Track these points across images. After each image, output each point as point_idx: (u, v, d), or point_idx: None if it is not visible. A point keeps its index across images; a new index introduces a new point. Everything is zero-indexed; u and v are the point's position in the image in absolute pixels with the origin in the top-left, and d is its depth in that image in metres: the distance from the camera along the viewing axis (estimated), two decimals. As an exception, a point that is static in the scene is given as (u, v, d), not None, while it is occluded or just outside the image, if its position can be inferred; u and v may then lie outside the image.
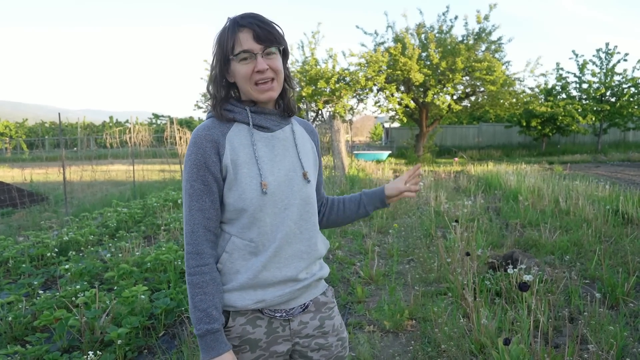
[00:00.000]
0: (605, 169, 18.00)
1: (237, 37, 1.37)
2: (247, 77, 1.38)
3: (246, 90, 1.42)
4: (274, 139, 1.46)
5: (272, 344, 1.45)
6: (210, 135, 1.38)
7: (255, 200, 1.38)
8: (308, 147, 1.57)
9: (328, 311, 1.56)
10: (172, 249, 4.95)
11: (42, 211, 9.34)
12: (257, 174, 1.39)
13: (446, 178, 13.63)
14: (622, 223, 6.63)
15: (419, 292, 4.20)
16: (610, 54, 25.64)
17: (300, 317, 1.49)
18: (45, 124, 46.99)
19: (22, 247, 5.57)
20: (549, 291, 3.99)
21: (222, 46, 1.39)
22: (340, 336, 1.59)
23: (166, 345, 3.42)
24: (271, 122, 1.47)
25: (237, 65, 1.39)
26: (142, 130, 15.13)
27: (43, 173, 15.69)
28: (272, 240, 1.41)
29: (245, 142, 1.42)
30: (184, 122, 41.63)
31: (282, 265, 1.43)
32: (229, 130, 1.42)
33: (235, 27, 1.37)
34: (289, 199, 1.43)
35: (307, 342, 1.51)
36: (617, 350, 2.90)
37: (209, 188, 1.38)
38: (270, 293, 1.42)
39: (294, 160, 1.48)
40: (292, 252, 1.44)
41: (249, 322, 1.43)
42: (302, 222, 1.47)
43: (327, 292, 1.59)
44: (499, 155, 26.39)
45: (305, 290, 1.49)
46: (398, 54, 21.19)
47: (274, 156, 1.44)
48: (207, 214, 1.38)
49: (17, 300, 3.87)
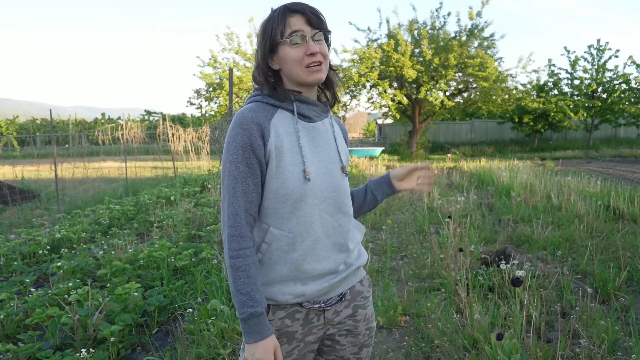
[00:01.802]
0: (597, 164, 18.12)
1: (288, 21, 1.38)
2: (298, 60, 1.39)
3: (296, 73, 1.41)
4: (314, 129, 1.47)
5: (307, 335, 1.48)
6: (256, 118, 1.38)
7: (297, 188, 1.38)
8: (344, 143, 1.58)
9: (363, 300, 1.57)
10: (165, 246, 4.93)
11: (33, 208, 9.28)
12: (301, 162, 1.40)
13: (439, 174, 13.67)
14: (613, 218, 6.68)
15: (412, 288, 4.21)
16: (601, 51, 25.78)
17: (335, 307, 1.51)
18: (37, 121, 46.59)
19: (14, 245, 5.54)
20: (541, 286, 4.01)
21: (269, 33, 1.40)
22: (369, 325, 1.59)
23: (159, 343, 3.41)
24: (313, 112, 1.48)
25: (288, 49, 1.39)
26: (134, 127, 15.05)
27: (34, 170, 15.57)
28: (310, 231, 1.41)
29: (289, 129, 1.42)
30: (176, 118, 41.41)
31: (322, 258, 1.43)
32: (273, 116, 1.42)
33: (285, 12, 1.39)
34: (328, 191, 1.44)
35: (337, 328, 1.53)
36: (609, 345, 2.93)
37: (253, 171, 1.37)
38: (311, 287, 1.42)
39: (333, 153, 1.49)
40: (330, 244, 1.45)
41: (288, 316, 1.44)
42: (340, 214, 1.48)
43: (364, 281, 1.59)
44: (492, 152, 26.49)
45: (343, 281, 1.50)
46: (391, 50, 21.20)
47: (314, 147, 1.45)
48: (250, 197, 1.38)
49: (9, 298, 3.84)
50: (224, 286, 3.96)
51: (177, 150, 16.04)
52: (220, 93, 23.15)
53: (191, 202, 8.52)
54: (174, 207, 8.09)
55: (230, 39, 22.86)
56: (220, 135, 3.55)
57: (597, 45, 25.85)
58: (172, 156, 15.11)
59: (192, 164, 16.99)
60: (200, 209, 7.75)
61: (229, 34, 22.81)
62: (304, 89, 1.46)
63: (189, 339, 3.24)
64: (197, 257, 4.88)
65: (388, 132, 33.27)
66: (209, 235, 6.03)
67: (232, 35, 22.84)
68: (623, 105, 25.71)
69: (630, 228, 6.08)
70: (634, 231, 5.89)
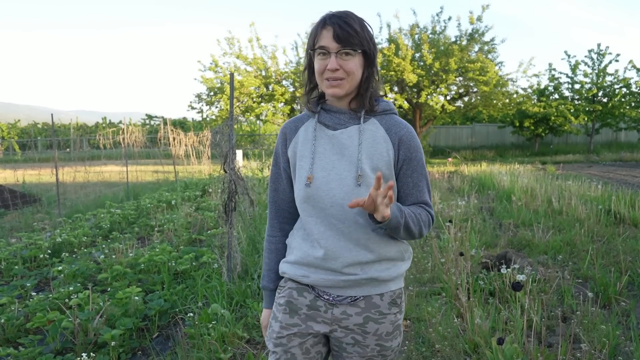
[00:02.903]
0: (598, 169, 18.11)
1: (321, 33, 1.45)
2: (320, 72, 1.47)
3: (319, 82, 1.50)
4: (334, 138, 1.52)
5: (310, 319, 1.54)
6: (286, 127, 1.61)
7: (301, 191, 1.51)
8: (380, 149, 1.50)
9: (377, 315, 1.53)
10: (165, 250, 4.94)
11: (34, 212, 9.29)
12: (308, 169, 1.51)
13: (440, 178, 13.67)
14: (614, 223, 6.68)
15: (413, 292, 4.21)
16: (602, 55, 25.80)
17: (345, 307, 1.53)
18: (38, 125, 46.67)
19: (15, 249, 5.54)
20: (542, 291, 4.01)
21: (309, 40, 1.50)
22: (381, 343, 1.54)
23: (160, 347, 3.41)
24: (335, 120, 1.54)
25: (316, 59, 1.48)
26: (135, 131, 15.07)
27: (36, 174, 15.59)
28: (315, 230, 1.51)
29: (309, 137, 1.55)
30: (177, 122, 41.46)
31: (328, 258, 1.49)
32: (303, 124, 1.59)
33: (321, 23, 1.46)
34: (336, 197, 1.48)
35: (344, 333, 1.54)
36: (610, 349, 2.93)
37: (279, 173, 1.62)
38: (315, 274, 1.52)
39: (351, 162, 1.49)
40: (338, 248, 1.49)
41: (296, 289, 1.57)
42: (349, 222, 1.48)
43: (385, 297, 1.54)
44: (492, 156, 26.48)
45: (354, 284, 1.51)
46: (391, 54, 21.23)
47: (332, 154, 1.51)
48: (278, 195, 1.64)
49: (10, 302, 3.84)
50: (225, 290, 3.96)
51: (178, 154, 16.07)
52: (221, 97, 23.18)
53: (192, 206, 8.52)
54: (175, 211, 8.10)
55: (231, 43, 22.93)
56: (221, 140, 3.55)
57: (598, 50, 25.87)
58: (173, 160, 15.13)
59: (193, 168, 17.01)
60: (201, 213, 7.76)
61: (229, 39, 22.88)
62: (334, 101, 1.55)
63: (189, 344, 3.24)
64: (198, 261, 4.89)
65: (389, 136, 33.25)
66: (210, 239, 6.03)
67: (233, 40, 22.91)
68: (624, 110, 25.70)
69: (631, 232, 6.08)
70: (634, 235, 5.89)
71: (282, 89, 22.57)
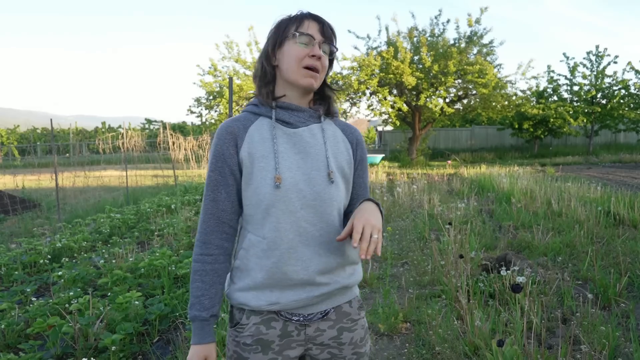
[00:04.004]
0: (597, 170, 18.13)
1: (304, 22, 1.41)
2: (299, 58, 1.39)
3: (292, 70, 1.40)
4: (296, 135, 1.43)
5: (285, 348, 1.42)
6: (231, 127, 1.41)
7: (268, 194, 1.35)
8: (341, 149, 1.50)
9: (350, 323, 1.49)
10: (165, 255, 4.94)
11: (34, 218, 9.29)
12: (273, 168, 1.37)
13: (439, 181, 13.68)
14: (613, 224, 6.69)
15: (413, 295, 4.21)
16: (600, 57, 25.88)
17: (318, 324, 1.45)
18: (37, 130, 46.70)
19: (15, 254, 5.54)
20: (542, 292, 4.01)
21: (282, 28, 1.42)
22: (357, 350, 1.51)
23: (160, 351, 3.40)
24: (296, 118, 1.44)
25: (293, 45, 1.40)
26: (134, 135, 15.09)
27: (35, 179, 15.60)
28: (284, 239, 1.36)
29: (266, 136, 1.41)
30: (176, 127, 41.51)
31: (299, 268, 1.37)
32: (251, 123, 1.43)
33: (303, 16, 1.43)
34: (306, 199, 1.38)
35: (320, 349, 1.47)
36: (610, 351, 2.93)
37: (225, 180, 1.40)
38: (286, 296, 1.38)
39: (319, 159, 1.42)
40: (309, 254, 1.38)
41: (263, 323, 1.41)
42: (322, 224, 1.40)
43: (353, 303, 1.52)
44: (492, 158, 26.53)
45: (326, 297, 1.43)
46: (390, 57, 21.28)
47: (294, 153, 1.41)
48: (222, 205, 1.41)
49: (10, 307, 3.84)
50: (224, 294, 3.96)
51: (177, 158, 16.08)
52: (220, 101, 23.24)
53: (192, 210, 8.53)
54: (175, 216, 8.10)
55: (230, 47, 22.99)
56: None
57: (596, 52, 25.95)
58: (172, 164, 15.14)
59: (192, 172, 17.02)
60: (200, 217, 7.75)
61: (228, 43, 22.94)
62: (293, 93, 1.45)
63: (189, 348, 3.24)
64: (198, 265, 4.88)
65: (388, 139, 33.33)
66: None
67: (231, 44, 22.97)
68: (622, 111, 25.76)
69: (631, 234, 6.09)
70: (634, 237, 5.90)
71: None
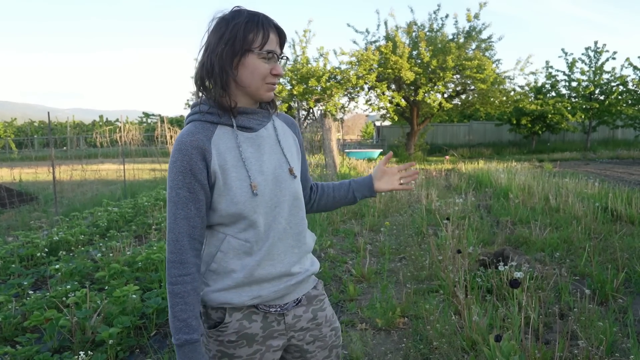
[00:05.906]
0: (595, 166, 18.16)
1: (269, 36, 1.36)
2: (263, 75, 1.39)
3: (255, 87, 1.40)
4: (258, 138, 1.45)
5: (268, 338, 1.48)
6: (195, 141, 1.35)
7: (247, 203, 1.38)
8: (290, 141, 1.57)
9: (319, 303, 1.59)
10: (163, 248, 4.93)
11: (31, 211, 9.27)
12: (246, 176, 1.39)
13: (437, 176, 13.68)
14: (611, 220, 6.70)
15: (410, 290, 4.22)
16: (599, 53, 25.87)
17: (293, 311, 1.52)
18: (34, 123, 46.54)
19: (12, 247, 5.52)
20: (540, 288, 4.02)
21: (242, 33, 1.34)
22: (333, 326, 1.62)
23: (158, 345, 3.40)
24: (254, 121, 1.45)
25: (258, 61, 1.37)
26: (132, 129, 15.05)
27: (32, 173, 15.55)
28: (265, 239, 1.42)
29: (230, 145, 1.40)
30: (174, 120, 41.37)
31: (276, 262, 1.45)
32: (213, 134, 1.38)
33: (263, 23, 1.37)
34: (278, 197, 1.45)
35: (302, 334, 1.54)
36: (607, 346, 2.93)
37: (194, 195, 1.35)
38: (266, 289, 1.44)
39: (280, 157, 1.49)
40: (283, 248, 1.46)
41: (245, 318, 1.45)
42: (292, 217, 1.49)
43: (318, 286, 1.63)
44: (490, 153, 26.53)
45: (299, 286, 1.52)
46: (389, 52, 21.21)
47: (260, 155, 1.44)
48: (193, 222, 1.36)
49: (7, 300, 3.83)
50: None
51: (175, 152, 16.01)
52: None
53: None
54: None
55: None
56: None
57: (595, 48, 25.94)
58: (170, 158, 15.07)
59: (190, 166, 16.95)
60: (198, 211, 7.74)
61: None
62: (247, 99, 1.44)
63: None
64: (196, 259, 4.87)
65: (386, 134, 33.29)
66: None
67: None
68: (620, 107, 25.78)
69: (628, 229, 6.10)
70: (631, 232, 5.91)
71: (279, 86, 22.54)
